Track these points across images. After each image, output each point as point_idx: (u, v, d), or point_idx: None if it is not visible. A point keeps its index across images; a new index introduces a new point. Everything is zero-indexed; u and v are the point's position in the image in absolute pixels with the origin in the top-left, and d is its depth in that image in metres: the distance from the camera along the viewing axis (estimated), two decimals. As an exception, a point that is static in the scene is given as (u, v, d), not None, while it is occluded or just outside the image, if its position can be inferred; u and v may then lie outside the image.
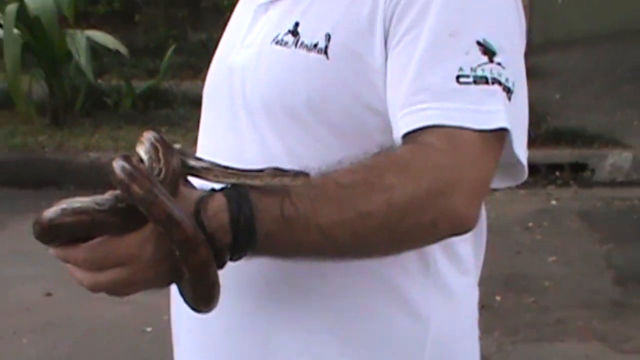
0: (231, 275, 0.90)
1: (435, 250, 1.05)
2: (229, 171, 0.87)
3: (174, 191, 0.82)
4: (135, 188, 0.77)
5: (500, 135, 0.94)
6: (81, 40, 6.48)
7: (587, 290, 3.52)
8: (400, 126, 0.92)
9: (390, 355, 1.04)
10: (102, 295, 0.89)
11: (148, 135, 0.87)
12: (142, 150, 0.86)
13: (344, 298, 1.03)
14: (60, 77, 6.62)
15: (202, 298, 0.85)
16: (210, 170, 0.88)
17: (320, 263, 0.98)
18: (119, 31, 7.73)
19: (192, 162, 0.89)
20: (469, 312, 1.12)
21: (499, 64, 0.95)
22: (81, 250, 0.80)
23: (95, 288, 0.81)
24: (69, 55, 6.46)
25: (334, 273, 1.03)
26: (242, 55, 1.07)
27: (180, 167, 0.86)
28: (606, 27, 7.67)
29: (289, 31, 1.04)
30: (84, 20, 7.59)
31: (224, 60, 1.09)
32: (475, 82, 0.93)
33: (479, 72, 0.94)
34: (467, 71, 0.94)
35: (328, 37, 1.00)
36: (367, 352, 1.03)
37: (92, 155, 5.50)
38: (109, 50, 6.89)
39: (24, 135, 5.98)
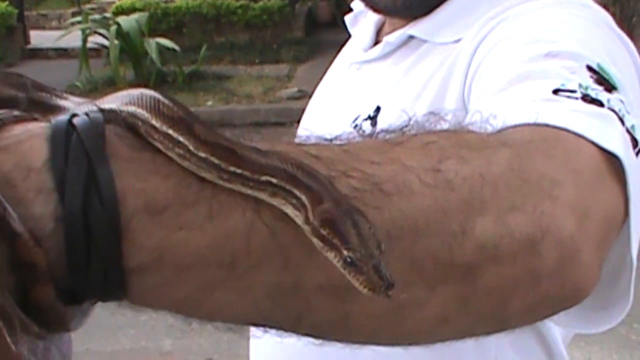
0: None
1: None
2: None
3: None
4: None
5: (616, 175, 0.52)
6: (153, 44, 7.72)
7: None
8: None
9: None
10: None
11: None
12: None
13: None
14: (141, 67, 8.01)
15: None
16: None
17: None
18: (174, 38, 8.21)
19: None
20: None
21: (621, 101, 0.57)
22: None
23: None
24: (146, 53, 7.78)
25: None
26: (323, 127, 0.84)
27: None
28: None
29: (369, 117, 0.79)
30: (154, 32, 8.23)
31: (307, 128, 0.85)
32: (583, 98, 0.56)
33: (590, 92, 0.56)
34: (572, 86, 0.56)
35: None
36: None
37: (160, 110, 6.64)
38: (168, 49, 7.86)
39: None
